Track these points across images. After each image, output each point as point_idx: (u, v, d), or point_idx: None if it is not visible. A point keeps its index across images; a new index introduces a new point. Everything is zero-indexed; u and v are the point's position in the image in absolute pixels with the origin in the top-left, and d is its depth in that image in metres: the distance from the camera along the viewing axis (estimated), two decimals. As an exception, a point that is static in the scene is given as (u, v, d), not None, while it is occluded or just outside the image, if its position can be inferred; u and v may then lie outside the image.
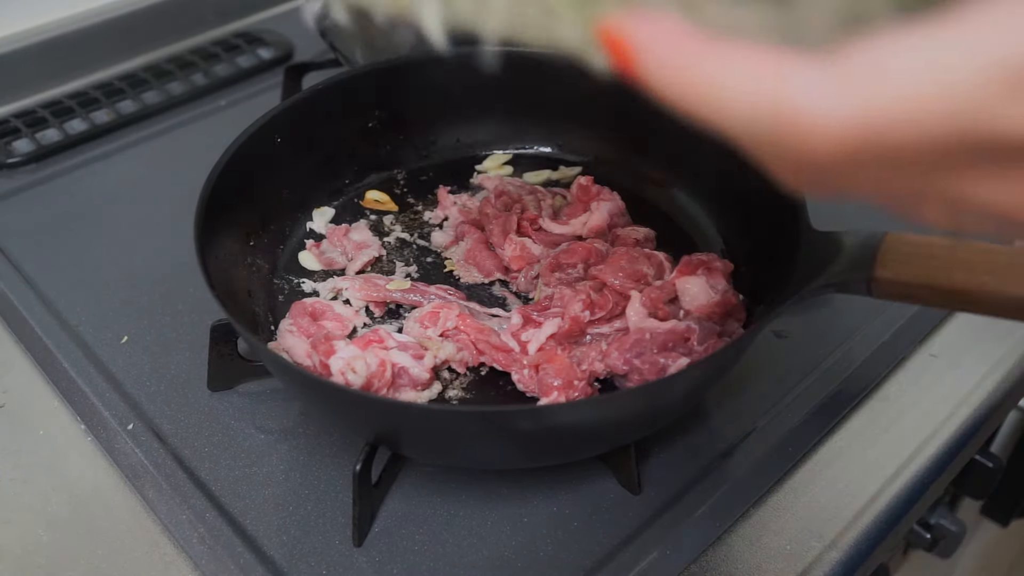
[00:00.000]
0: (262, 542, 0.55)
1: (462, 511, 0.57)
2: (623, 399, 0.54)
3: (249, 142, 0.65)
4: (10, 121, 0.89)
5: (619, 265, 0.62)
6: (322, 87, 0.71)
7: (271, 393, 0.64)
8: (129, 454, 0.59)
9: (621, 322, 0.61)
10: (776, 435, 0.60)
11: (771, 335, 0.67)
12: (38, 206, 0.81)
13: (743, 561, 0.54)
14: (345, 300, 0.66)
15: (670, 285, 0.61)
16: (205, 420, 0.62)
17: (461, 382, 0.61)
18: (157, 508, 0.57)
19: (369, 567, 0.54)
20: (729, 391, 0.63)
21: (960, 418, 0.63)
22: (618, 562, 0.53)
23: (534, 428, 0.51)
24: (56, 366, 0.66)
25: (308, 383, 0.54)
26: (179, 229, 0.61)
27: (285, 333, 0.61)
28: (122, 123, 0.90)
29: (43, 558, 0.55)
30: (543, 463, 0.58)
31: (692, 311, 0.60)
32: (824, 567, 0.54)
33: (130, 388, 0.64)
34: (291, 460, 0.60)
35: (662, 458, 0.59)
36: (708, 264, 0.61)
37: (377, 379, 0.57)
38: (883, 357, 0.66)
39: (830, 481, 0.58)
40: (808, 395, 0.63)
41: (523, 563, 0.54)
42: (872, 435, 0.61)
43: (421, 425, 0.53)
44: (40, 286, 0.72)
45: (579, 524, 0.56)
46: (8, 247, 0.76)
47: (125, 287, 0.72)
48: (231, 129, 0.65)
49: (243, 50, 0.99)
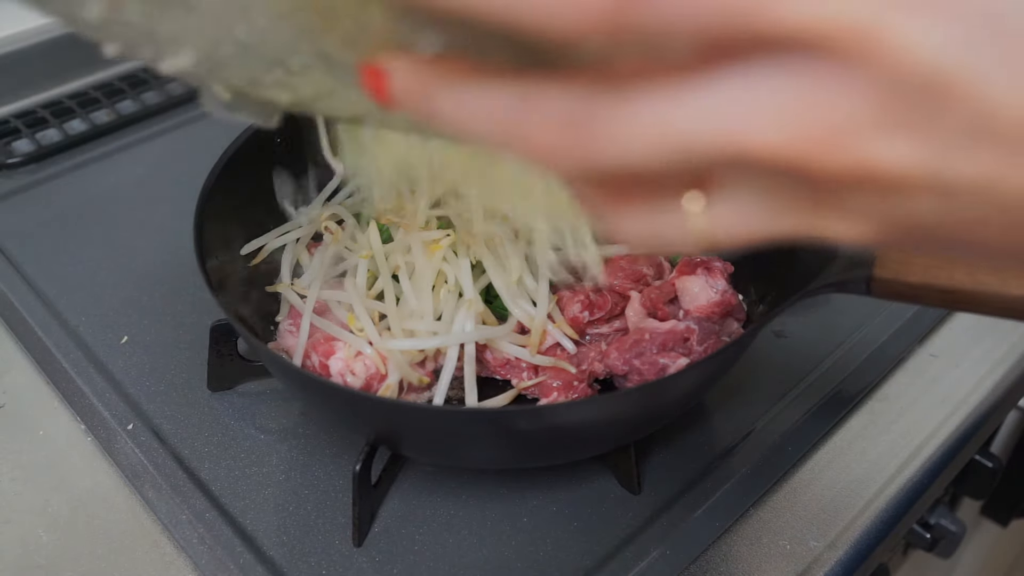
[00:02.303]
0: (262, 542, 0.55)
1: (462, 511, 0.57)
2: (623, 399, 0.54)
3: (249, 142, 0.65)
4: (10, 121, 0.89)
5: (618, 265, 0.62)
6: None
7: (271, 393, 0.64)
8: (129, 454, 0.60)
9: (620, 322, 0.61)
10: (776, 435, 0.60)
11: (771, 335, 0.67)
12: (38, 206, 0.81)
13: (743, 561, 0.54)
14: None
15: (669, 285, 0.61)
16: (205, 420, 0.62)
17: (461, 382, 0.61)
18: (157, 508, 0.57)
19: (369, 567, 0.54)
20: (729, 391, 0.63)
21: (960, 418, 0.63)
22: (618, 562, 0.53)
23: (534, 428, 0.51)
24: (56, 366, 0.66)
25: (308, 383, 0.54)
26: (179, 229, 0.61)
27: (285, 333, 0.61)
28: (122, 123, 0.90)
29: (43, 558, 0.55)
30: (543, 463, 0.58)
31: (692, 311, 0.60)
32: (824, 567, 0.54)
33: (130, 388, 0.64)
34: (291, 460, 0.60)
35: (662, 458, 0.59)
36: (707, 264, 0.61)
37: (376, 380, 0.57)
38: (883, 357, 0.66)
39: (830, 481, 0.58)
40: (808, 395, 0.63)
41: (523, 563, 0.54)
42: (872, 435, 0.61)
43: (421, 425, 0.53)
44: (40, 286, 0.72)
45: (579, 524, 0.56)
46: (8, 247, 0.76)
47: (125, 287, 0.72)
48: (231, 129, 0.65)
49: (243, 50, 0.99)
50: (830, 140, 0.20)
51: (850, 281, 0.51)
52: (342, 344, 0.58)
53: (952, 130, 0.19)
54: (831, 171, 0.20)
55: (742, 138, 0.20)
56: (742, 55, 0.20)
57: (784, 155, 0.20)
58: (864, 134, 0.19)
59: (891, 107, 0.19)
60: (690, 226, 0.23)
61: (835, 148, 0.20)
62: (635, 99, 0.21)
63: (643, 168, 0.22)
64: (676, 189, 0.23)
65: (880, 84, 0.19)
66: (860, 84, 0.19)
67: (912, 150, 0.19)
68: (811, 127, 0.20)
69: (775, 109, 0.20)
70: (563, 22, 0.19)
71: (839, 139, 0.20)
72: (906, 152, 0.19)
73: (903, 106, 0.19)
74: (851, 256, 0.51)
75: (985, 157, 0.19)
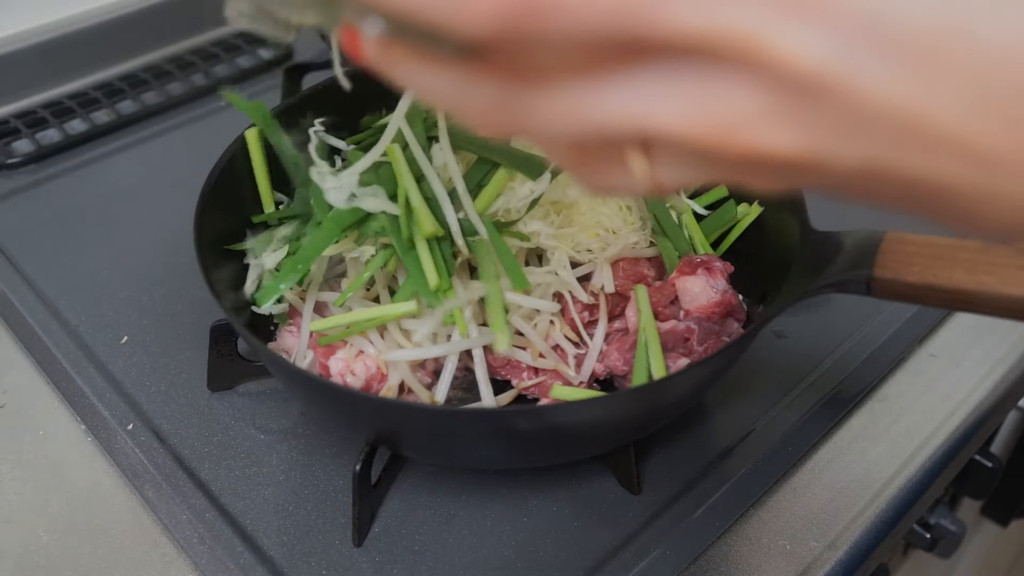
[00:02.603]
0: (262, 542, 0.55)
1: (462, 511, 0.57)
2: (623, 399, 0.54)
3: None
4: (10, 121, 0.89)
5: (619, 266, 0.62)
6: (322, 87, 0.71)
7: (271, 393, 0.64)
8: (129, 454, 0.60)
9: (621, 322, 0.61)
10: (776, 435, 0.60)
11: (771, 335, 0.67)
12: (38, 206, 0.81)
13: (743, 561, 0.54)
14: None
15: (670, 286, 0.61)
16: (205, 420, 0.62)
17: (461, 382, 0.61)
18: (157, 508, 0.57)
19: (369, 567, 0.54)
20: (729, 391, 0.63)
21: (960, 418, 0.63)
22: (618, 562, 0.53)
23: (534, 428, 0.51)
24: (56, 366, 0.66)
25: (308, 383, 0.54)
26: (179, 229, 0.61)
27: (285, 333, 0.61)
28: (122, 123, 0.90)
29: (43, 558, 0.55)
30: (543, 463, 0.58)
31: (692, 311, 0.60)
32: (824, 567, 0.54)
33: (130, 388, 0.64)
34: (291, 460, 0.60)
35: (662, 458, 0.59)
36: (708, 264, 0.61)
37: (376, 381, 0.57)
38: (883, 357, 0.66)
39: (830, 481, 0.58)
40: (808, 395, 0.63)
41: (523, 563, 0.54)
42: (872, 435, 0.61)
43: (421, 425, 0.53)
44: (40, 286, 0.72)
45: (579, 524, 0.56)
46: (8, 247, 0.76)
47: (125, 287, 0.72)
48: (231, 129, 0.65)
49: (243, 50, 0.99)
50: (726, 130, 0.22)
51: (850, 281, 0.51)
52: (342, 344, 0.58)
53: (832, 122, 0.22)
54: (732, 154, 0.23)
55: (652, 124, 0.23)
56: (651, 54, 0.22)
57: (690, 139, 0.23)
58: (755, 126, 0.22)
59: (777, 104, 0.22)
60: (637, 178, 0.26)
61: (731, 136, 0.23)
62: (554, 89, 0.24)
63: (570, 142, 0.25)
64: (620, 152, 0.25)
65: (767, 85, 0.22)
66: (749, 84, 0.22)
67: (798, 139, 0.22)
68: (709, 119, 0.22)
69: (679, 102, 0.23)
70: (464, 28, 0.22)
71: (734, 129, 0.22)
72: (793, 141, 0.22)
73: (788, 103, 0.22)
74: (851, 256, 0.51)
75: (864, 144, 0.22)
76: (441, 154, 0.58)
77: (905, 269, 0.49)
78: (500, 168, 0.59)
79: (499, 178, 0.58)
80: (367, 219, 0.58)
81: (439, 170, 0.59)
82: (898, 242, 0.50)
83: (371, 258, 0.58)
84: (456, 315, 0.56)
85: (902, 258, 0.49)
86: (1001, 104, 0.20)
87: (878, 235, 0.51)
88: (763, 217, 0.64)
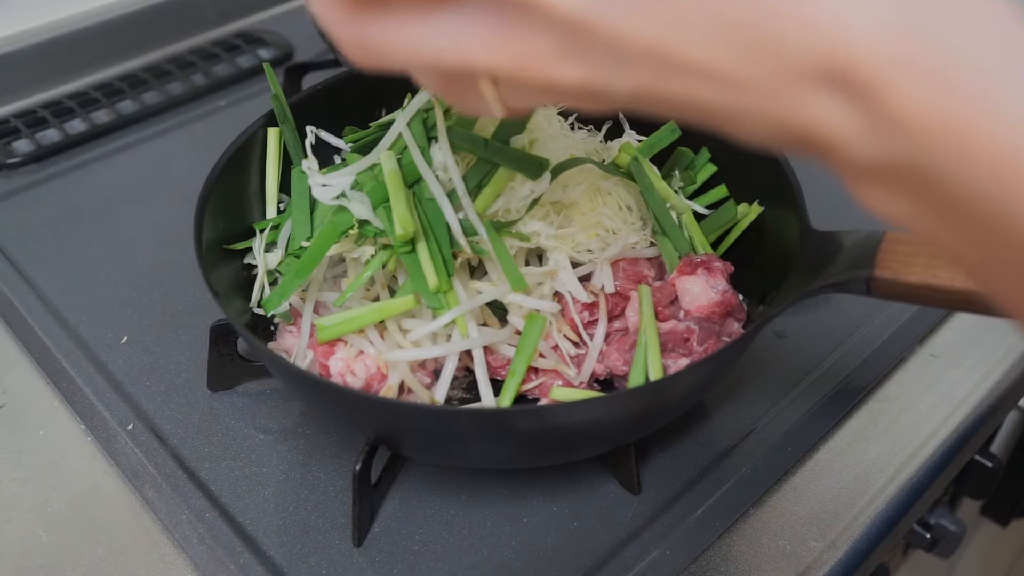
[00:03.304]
0: (262, 542, 0.55)
1: (462, 511, 0.57)
2: (623, 399, 0.54)
3: (249, 142, 0.65)
4: (10, 121, 0.89)
5: (619, 266, 0.62)
6: (322, 87, 0.71)
7: (271, 393, 0.64)
8: (129, 454, 0.60)
9: (621, 322, 0.61)
10: (776, 435, 0.60)
11: (771, 335, 0.67)
12: (38, 206, 0.81)
13: (743, 561, 0.54)
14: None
15: (670, 286, 0.61)
16: (205, 420, 0.62)
17: (461, 382, 0.61)
18: (157, 508, 0.57)
19: (369, 567, 0.54)
20: (729, 391, 0.63)
21: (960, 418, 0.63)
22: (618, 562, 0.53)
23: (534, 428, 0.51)
24: (56, 366, 0.66)
25: (308, 383, 0.54)
26: (179, 229, 0.61)
27: (285, 333, 0.61)
28: (122, 123, 0.90)
29: (43, 558, 0.55)
30: (543, 463, 0.58)
31: (692, 311, 0.60)
32: (824, 567, 0.54)
33: (130, 388, 0.64)
34: (291, 460, 0.60)
35: (662, 458, 0.59)
36: (708, 264, 0.61)
37: (376, 381, 0.57)
38: (883, 357, 0.66)
39: (830, 481, 0.58)
40: (808, 395, 0.63)
41: (523, 563, 0.54)
42: (872, 435, 0.61)
43: (421, 425, 0.53)
44: (40, 286, 0.72)
45: (579, 524, 0.56)
46: (8, 247, 0.76)
47: (125, 287, 0.72)
48: (231, 129, 0.65)
49: (243, 50, 0.99)
50: (526, 65, 0.28)
51: (850, 281, 0.51)
52: (342, 344, 0.58)
53: (603, 58, 0.26)
54: (535, 84, 0.28)
55: (471, 59, 0.28)
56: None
57: (502, 71, 0.28)
58: (547, 61, 0.27)
59: (559, 43, 0.27)
60: (489, 102, 0.31)
61: (531, 70, 0.28)
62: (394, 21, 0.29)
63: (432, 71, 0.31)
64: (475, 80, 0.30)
65: (548, 27, 0.26)
66: (536, 26, 0.27)
67: (581, 72, 0.27)
68: (511, 54, 0.28)
69: (485, 38, 0.28)
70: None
71: (532, 64, 0.28)
72: (577, 73, 0.27)
73: (567, 42, 0.27)
74: (851, 256, 0.51)
75: (632, 74, 0.26)
76: (441, 154, 0.59)
77: (905, 269, 0.49)
78: (500, 168, 0.59)
79: (499, 178, 0.59)
80: (366, 220, 0.58)
81: (439, 170, 0.59)
82: (898, 242, 0.50)
83: (371, 258, 0.58)
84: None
85: (902, 258, 0.49)
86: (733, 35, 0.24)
87: (878, 235, 0.51)
88: (763, 217, 0.64)
